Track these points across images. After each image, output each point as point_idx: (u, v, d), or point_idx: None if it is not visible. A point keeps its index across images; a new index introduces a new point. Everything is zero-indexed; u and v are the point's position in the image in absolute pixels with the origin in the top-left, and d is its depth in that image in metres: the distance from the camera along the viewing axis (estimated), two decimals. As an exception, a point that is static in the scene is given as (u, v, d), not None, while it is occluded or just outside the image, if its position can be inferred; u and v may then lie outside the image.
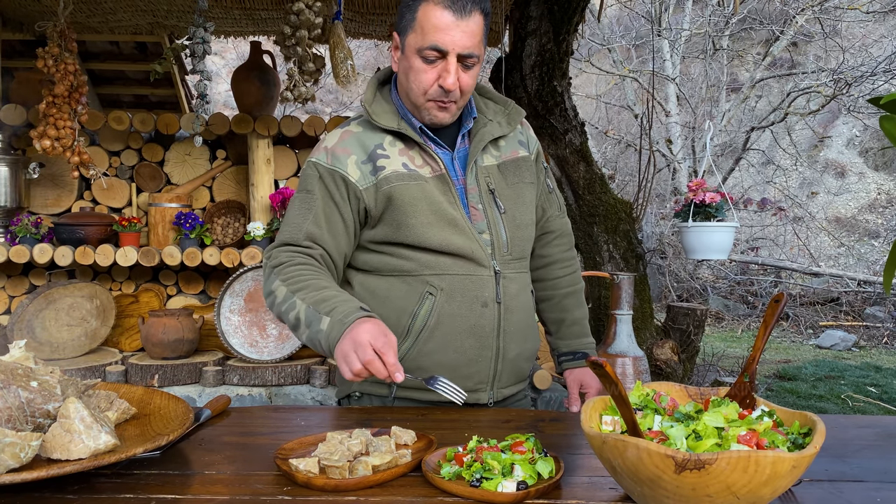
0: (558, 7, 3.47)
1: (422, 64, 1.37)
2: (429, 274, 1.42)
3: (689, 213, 2.40)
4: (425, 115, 1.43)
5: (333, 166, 1.43)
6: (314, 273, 1.38)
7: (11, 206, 2.88)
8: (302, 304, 1.30)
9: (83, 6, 3.27)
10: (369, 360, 1.16)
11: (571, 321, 1.67)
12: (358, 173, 1.42)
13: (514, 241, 1.49)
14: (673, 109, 10.09)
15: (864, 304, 8.19)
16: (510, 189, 1.50)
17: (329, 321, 1.25)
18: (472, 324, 1.43)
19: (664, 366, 3.42)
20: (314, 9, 2.52)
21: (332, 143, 1.46)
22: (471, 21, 1.34)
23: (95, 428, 0.96)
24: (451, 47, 1.34)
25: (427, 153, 1.44)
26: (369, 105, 1.47)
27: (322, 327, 1.25)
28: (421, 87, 1.39)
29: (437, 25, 1.33)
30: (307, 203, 1.43)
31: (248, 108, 3.13)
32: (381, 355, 1.17)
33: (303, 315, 1.29)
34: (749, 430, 0.89)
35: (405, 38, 1.40)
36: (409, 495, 0.95)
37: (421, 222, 1.39)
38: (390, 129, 1.44)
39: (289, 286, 1.33)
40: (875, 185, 11.63)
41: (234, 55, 11.78)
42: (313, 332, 1.27)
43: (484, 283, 1.43)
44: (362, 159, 1.43)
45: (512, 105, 1.57)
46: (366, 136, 1.46)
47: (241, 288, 2.80)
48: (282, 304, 1.34)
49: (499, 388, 1.49)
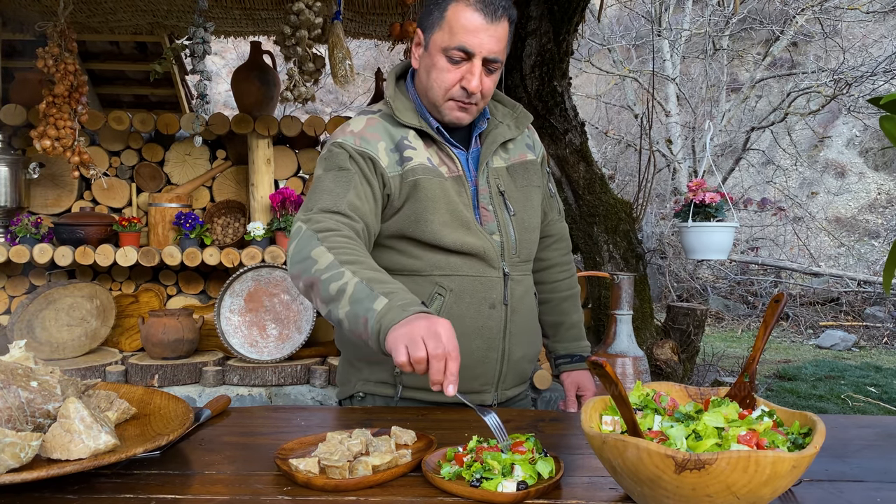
0: (558, 7, 3.47)
1: (446, 63, 1.36)
2: (438, 274, 1.41)
3: (689, 213, 2.40)
4: (445, 114, 1.42)
5: (363, 148, 1.39)
6: (364, 252, 1.28)
7: (11, 206, 2.88)
8: (353, 277, 1.18)
9: (83, 6, 3.27)
10: (439, 354, 1.05)
11: (569, 324, 1.68)
12: (387, 160, 1.40)
13: (522, 244, 1.49)
14: (673, 109, 10.10)
15: (864, 304, 8.19)
16: (519, 191, 1.51)
17: (386, 303, 1.14)
18: (480, 325, 1.43)
19: (664, 366, 3.43)
20: (314, 9, 2.52)
21: (359, 127, 1.43)
22: (499, 26, 1.34)
23: (95, 428, 0.96)
24: (478, 50, 1.33)
25: (445, 153, 1.44)
26: (393, 101, 1.45)
27: (374, 306, 1.14)
28: (443, 86, 1.37)
29: (467, 27, 1.32)
30: (344, 178, 1.36)
31: (248, 108, 3.13)
32: (449, 359, 1.07)
33: (351, 288, 1.17)
34: (749, 430, 0.89)
35: (430, 35, 1.38)
36: (409, 495, 0.95)
37: (438, 220, 1.39)
38: (412, 125, 1.42)
39: (336, 255, 1.23)
40: (875, 185, 11.62)
41: (234, 55, 11.78)
42: (360, 308, 1.16)
43: (493, 284, 1.43)
44: (390, 147, 1.41)
45: (520, 109, 1.57)
46: (391, 127, 1.44)
47: (241, 288, 2.80)
48: (324, 271, 1.21)
49: (503, 389, 1.50)
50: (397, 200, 1.40)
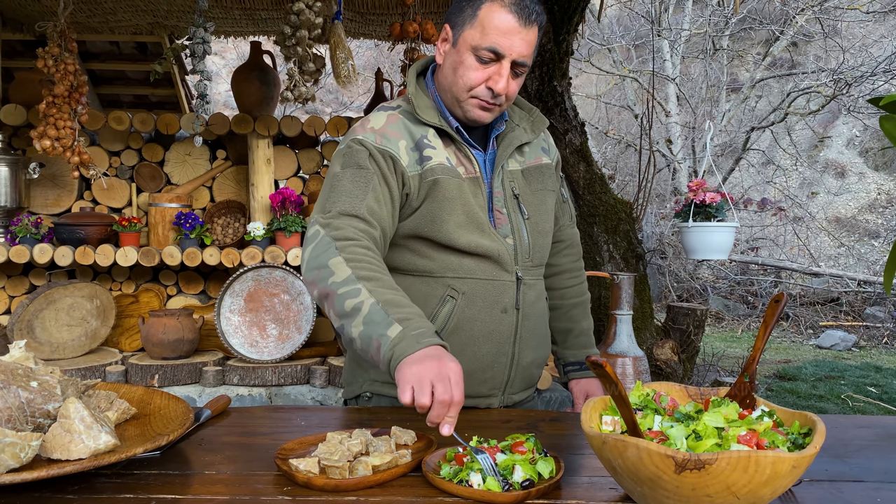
0: (558, 7, 3.47)
1: (475, 62, 1.35)
2: (451, 277, 1.40)
3: (689, 213, 2.40)
4: (467, 111, 1.40)
5: (384, 146, 1.38)
6: (382, 267, 1.27)
7: (11, 206, 2.88)
8: (369, 297, 1.17)
9: (83, 6, 3.27)
10: (445, 400, 1.05)
11: (578, 332, 1.67)
12: (407, 158, 1.38)
13: (535, 248, 1.48)
14: (673, 109, 10.10)
15: (864, 304, 8.19)
16: (534, 195, 1.50)
17: (401, 330, 1.13)
18: (491, 329, 1.42)
19: (664, 366, 3.43)
20: (314, 9, 2.52)
21: (380, 124, 1.41)
22: (531, 30, 1.33)
23: (95, 428, 0.96)
24: (508, 52, 1.33)
25: (463, 153, 1.43)
26: (415, 98, 1.43)
27: (388, 333, 1.13)
28: (468, 83, 1.36)
29: (500, 28, 1.31)
30: (363, 178, 1.34)
31: (248, 108, 3.13)
32: (452, 405, 1.06)
33: (366, 308, 1.16)
34: (749, 430, 0.89)
35: (460, 32, 1.37)
36: (409, 495, 0.95)
37: (454, 221, 1.37)
38: (432, 124, 1.41)
39: (354, 269, 1.21)
40: (875, 185, 11.63)
41: (234, 55, 11.79)
42: (372, 332, 1.15)
43: (505, 288, 1.42)
44: (411, 146, 1.40)
45: (537, 112, 1.56)
46: (411, 124, 1.43)
47: (241, 288, 2.80)
48: (340, 284, 1.20)
49: (510, 393, 1.49)
50: (416, 200, 1.39)
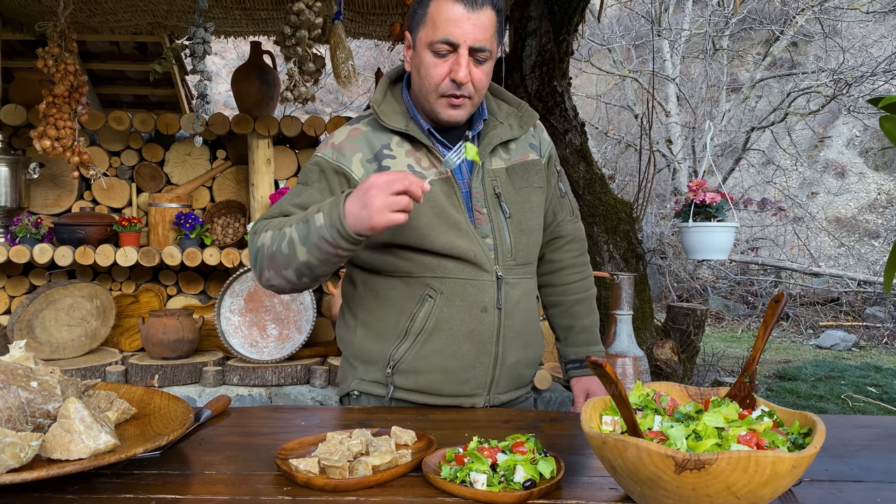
0: (558, 7, 3.47)
1: (433, 58, 1.36)
2: (429, 276, 1.41)
3: (689, 213, 2.40)
4: (439, 113, 1.41)
5: (338, 162, 1.42)
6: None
7: (11, 206, 2.88)
8: (290, 229, 1.30)
9: (83, 6, 3.27)
10: (396, 178, 1.17)
11: (580, 328, 1.65)
12: (362, 171, 1.41)
13: (518, 246, 1.47)
14: (673, 109, 10.10)
15: (864, 305, 8.19)
16: (517, 193, 1.49)
17: (322, 213, 1.25)
18: (471, 329, 1.41)
19: (664, 366, 3.43)
20: (314, 9, 2.52)
21: (340, 139, 1.46)
22: (482, 15, 1.34)
23: (95, 428, 0.96)
24: (462, 40, 1.33)
25: (434, 156, 1.43)
26: (378, 105, 1.46)
27: (318, 223, 1.25)
28: (433, 81, 1.37)
29: (449, 18, 1.33)
30: (300, 192, 1.43)
31: (248, 108, 3.13)
32: (401, 180, 1.17)
33: (295, 234, 1.29)
34: (749, 430, 0.89)
35: (416, 35, 1.40)
36: (409, 495, 0.95)
37: (423, 224, 1.38)
38: (398, 129, 1.43)
39: (273, 230, 1.34)
40: (875, 186, 11.63)
41: (234, 55, 11.78)
42: (312, 235, 1.26)
43: (485, 288, 1.42)
44: (368, 158, 1.43)
45: (525, 107, 1.56)
46: (374, 135, 1.45)
47: (241, 288, 2.80)
48: (271, 245, 1.33)
49: (495, 393, 1.48)
50: None
